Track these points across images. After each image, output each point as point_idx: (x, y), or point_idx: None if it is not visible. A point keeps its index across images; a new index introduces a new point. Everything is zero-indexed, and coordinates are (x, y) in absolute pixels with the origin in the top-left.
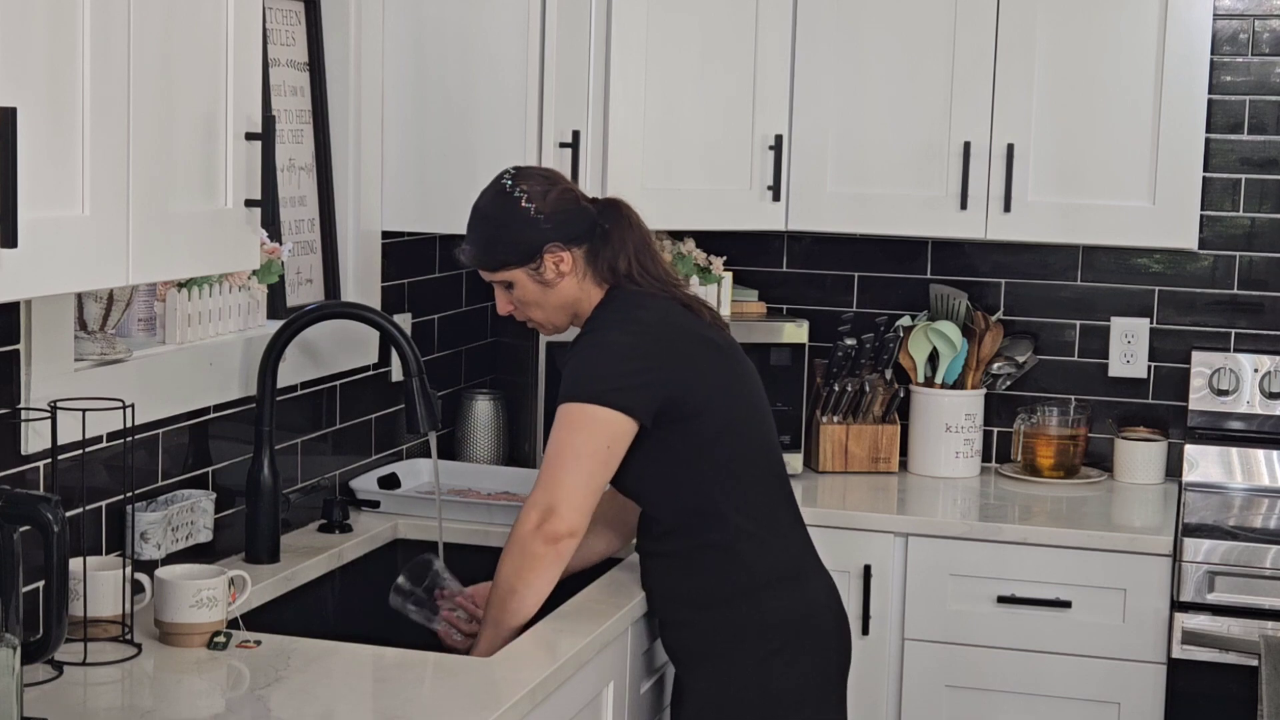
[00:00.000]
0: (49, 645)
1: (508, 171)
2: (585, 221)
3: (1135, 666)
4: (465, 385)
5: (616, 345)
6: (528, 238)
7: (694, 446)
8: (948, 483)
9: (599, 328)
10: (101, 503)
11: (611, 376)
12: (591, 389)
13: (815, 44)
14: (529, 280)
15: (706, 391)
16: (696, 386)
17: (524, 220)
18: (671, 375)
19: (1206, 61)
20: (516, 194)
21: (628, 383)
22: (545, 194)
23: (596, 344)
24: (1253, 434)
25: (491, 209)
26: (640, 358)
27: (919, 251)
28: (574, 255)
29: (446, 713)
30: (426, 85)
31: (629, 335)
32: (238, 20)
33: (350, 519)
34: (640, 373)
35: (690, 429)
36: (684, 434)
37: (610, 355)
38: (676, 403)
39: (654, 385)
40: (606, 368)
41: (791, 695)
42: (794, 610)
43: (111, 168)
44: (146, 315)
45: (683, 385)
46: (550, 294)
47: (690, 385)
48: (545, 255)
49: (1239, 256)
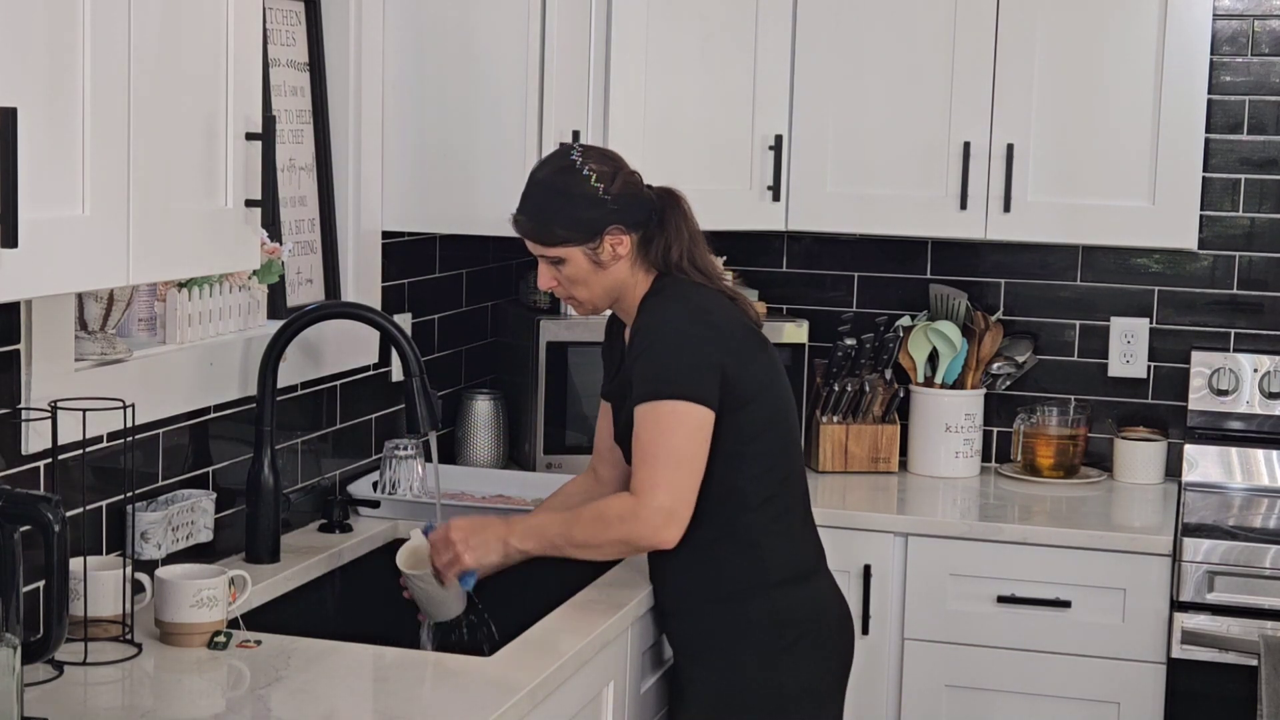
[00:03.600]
0: (49, 645)
1: (574, 146)
2: (646, 208)
3: (1135, 666)
4: (465, 385)
5: (684, 332)
6: (592, 216)
7: (735, 437)
8: (948, 483)
9: (662, 317)
10: (101, 503)
11: (692, 368)
12: (681, 385)
13: (815, 44)
14: (584, 259)
15: (754, 383)
16: (746, 377)
17: (591, 199)
18: (728, 364)
19: (1206, 61)
20: (586, 171)
21: (703, 374)
22: (614, 175)
23: (664, 334)
24: (1252, 434)
25: (557, 183)
26: (704, 343)
27: (919, 251)
28: (632, 240)
29: (446, 713)
30: (426, 85)
31: (694, 324)
32: (238, 20)
33: (350, 519)
34: (706, 359)
35: (736, 419)
36: (730, 424)
37: (681, 342)
38: (729, 391)
39: (717, 372)
40: (684, 356)
41: (797, 693)
42: (804, 608)
43: (111, 168)
44: (147, 315)
45: (734, 374)
46: (601, 275)
47: (742, 375)
48: (606, 236)
49: (1239, 256)
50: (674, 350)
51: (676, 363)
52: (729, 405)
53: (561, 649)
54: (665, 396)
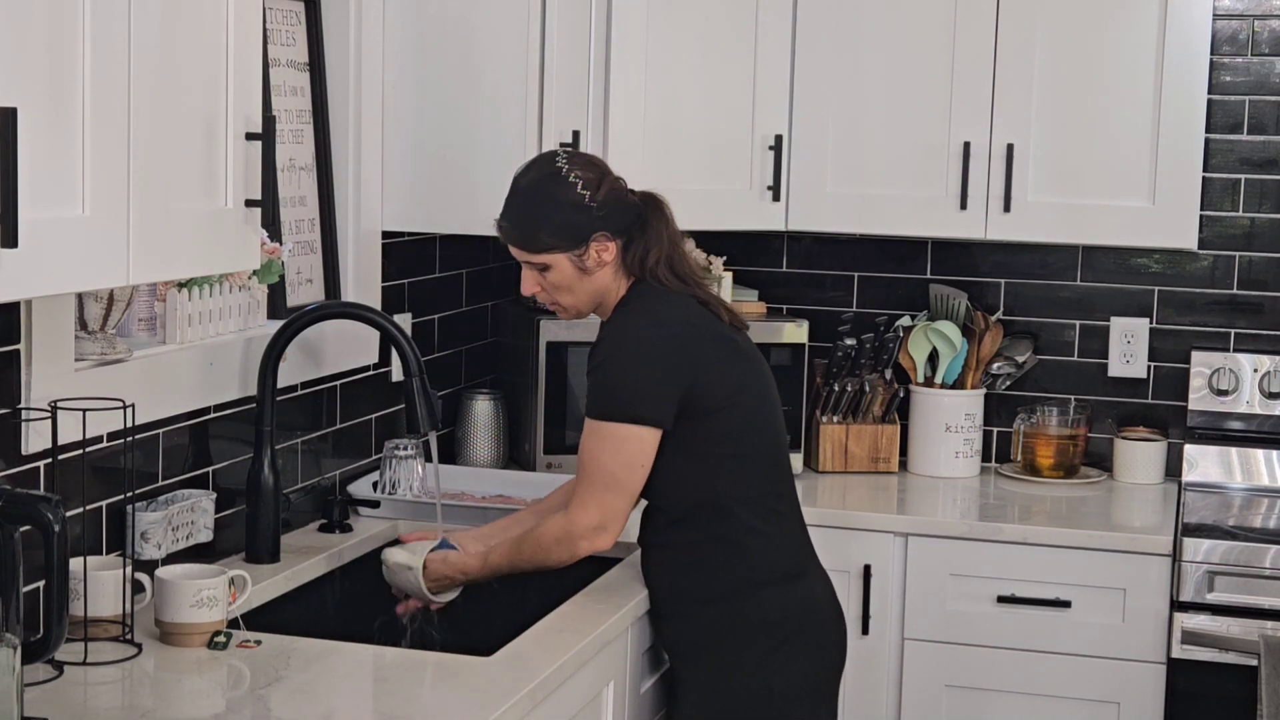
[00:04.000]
0: (49, 645)
1: (559, 153)
2: (631, 213)
3: (1135, 666)
4: (465, 385)
5: (641, 348)
6: (578, 223)
7: (707, 442)
8: (947, 483)
9: (621, 328)
10: (101, 503)
11: (640, 388)
12: (625, 407)
13: (815, 44)
14: (569, 266)
15: (723, 390)
16: (713, 386)
17: (576, 205)
18: (690, 375)
19: (1206, 61)
20: (572, 178)
21: (654, 392)
22: (599, 181)
23: (622, 348)
24: (1252, 434)
25: (543, 189)
26: (663, 359)
27: (919, 251)
28: (617, 245)
29: (446, 713)
30: (426, 85)
31: (652, 336)
32: (238, 20)
33: (350, 519)
34: (663, 376)
35: (705, 426)
36: (698, 430)
37: (636, 360)
38: (694, 401)
39: (675, 386)
40: (635, 375)
41: (790, 692)
42: (796, 607)
43: (111, 168)
44: (147, 315)
45: (701, 384)
46: (586, 281)
47: (707, 384)
48: (592, 243)
49: (1238, 256)
50: (627, 368)
51: (626, 383)
52: (693, 413)
53: (561, 649)
54: (608, 418)
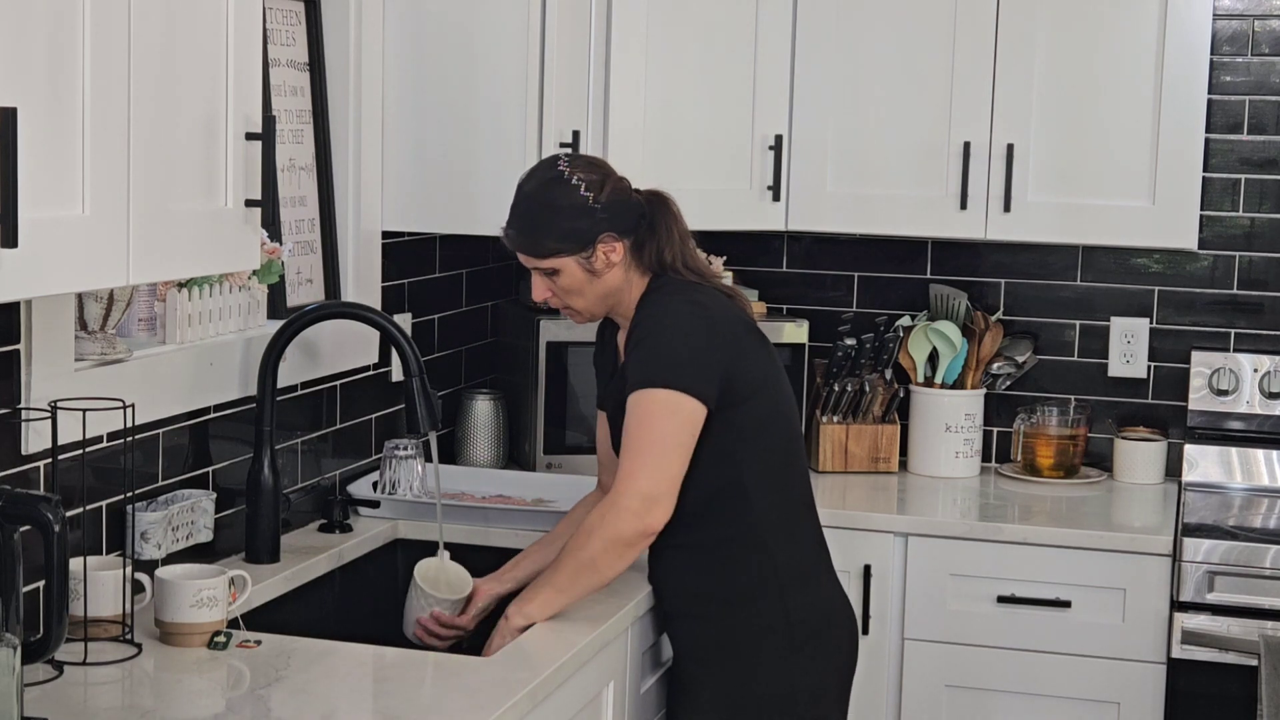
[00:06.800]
0: (49, 645)
1: (560, 156)
2: (636, 213)
3: (1135, 666)
4: (465, 385)
5: (683, 324)
6: (583, 226)
7: (736, 435)
8: (948, 483)
9: (664, 309)
10: (101, 503)
11: (689, 358)
12: (674, 374)
13: (815, 44)
14: (578, 269)
15: (755, 378)
16: (748, 371)
17: (581, 208)
18: (728, 357)
19: (1206, 61)
20: (574, 181)
21: (702, 363)
22: (602, 183)
23: (664, 324)
24: (1252, 434)
25: (546, 194)
26: (705, 335)
27: (919, 251)
28: (624, 246)
29: (446, 713)
30: (426, 85)
31: (694, 318)
32: (238, 20)
33: (350, 519)
34: (707, 351)
35: (736, 416)
36: (730, 420)
37: (682, 332)
38: (730, 386)
39: (717, 364)
40: (683, 345)
41: (810, 693)
42: (815, 608)
43: (111, 168)
44: (147, 315)
45: (737, 368)
46: (595, 283)
47: (743, 370)
48: (598, 245)
49: (1238, 256)
50: (672, 341)
51: (674, 353)
52: (728, 401)
53: (561, 649)
54: (659, 385)
